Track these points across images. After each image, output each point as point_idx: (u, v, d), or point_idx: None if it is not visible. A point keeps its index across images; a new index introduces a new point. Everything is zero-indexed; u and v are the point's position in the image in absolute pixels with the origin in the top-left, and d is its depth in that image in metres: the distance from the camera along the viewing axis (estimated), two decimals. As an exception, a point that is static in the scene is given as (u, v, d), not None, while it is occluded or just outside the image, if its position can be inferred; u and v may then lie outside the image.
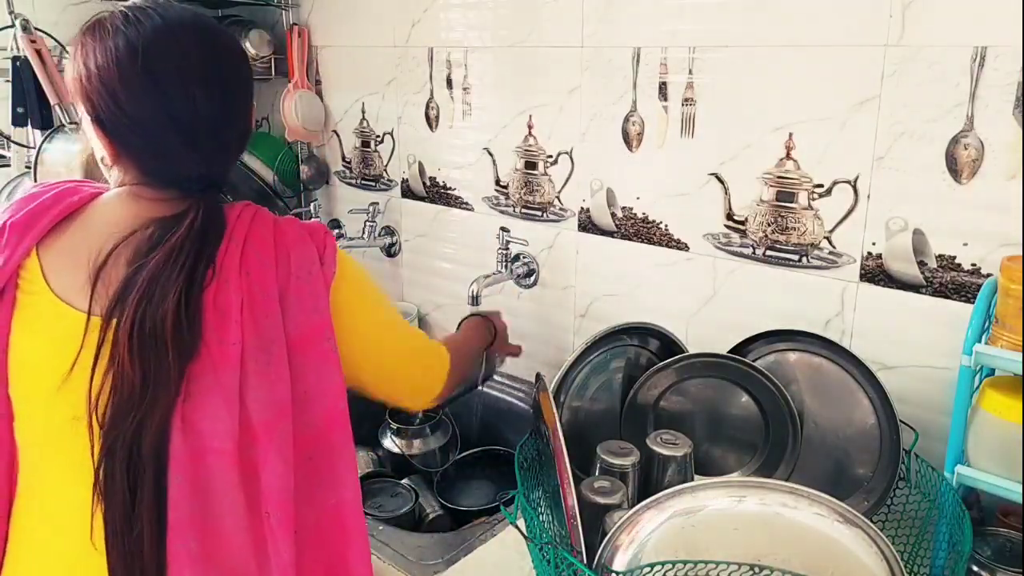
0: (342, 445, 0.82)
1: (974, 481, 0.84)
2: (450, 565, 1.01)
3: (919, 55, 0.99)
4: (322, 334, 0.79)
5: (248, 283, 0.75)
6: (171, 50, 0.74)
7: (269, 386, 0.75)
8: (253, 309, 0.75)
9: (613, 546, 0.81)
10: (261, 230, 0.78)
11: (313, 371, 0.79)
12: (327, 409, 0.80)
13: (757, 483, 0.83)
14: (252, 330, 0.74)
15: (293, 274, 0.78)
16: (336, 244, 0.83)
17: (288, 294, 0.77)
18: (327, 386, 0.80)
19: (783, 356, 1.05)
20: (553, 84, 1.38)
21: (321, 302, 0.79)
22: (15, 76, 1.49)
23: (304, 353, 0.78)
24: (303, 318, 0.78)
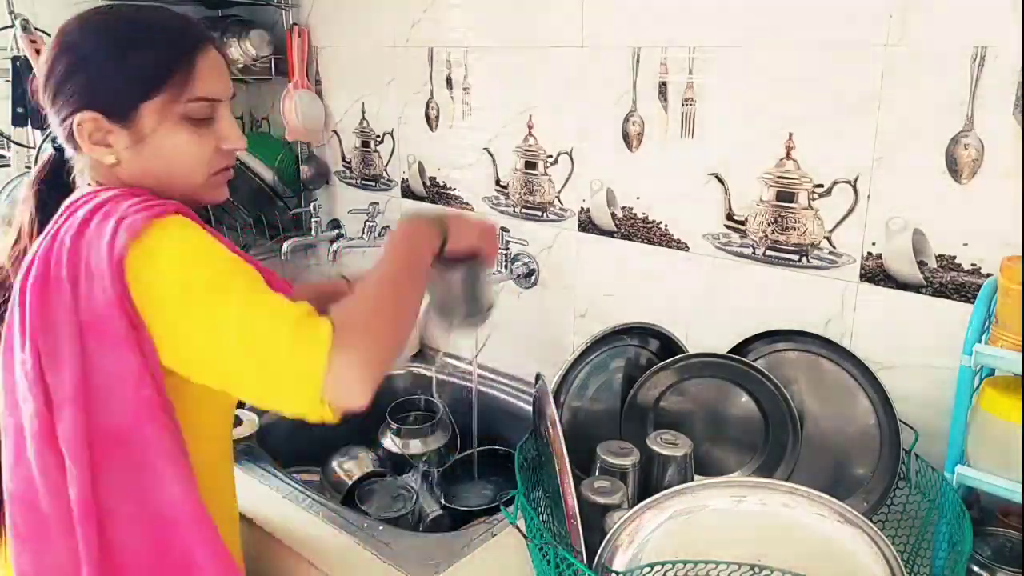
0: (156, 437, 0.76)
1: (974, 481, 0.84)
2: (450, 565, 1.01)
3: (919, 55, 0.99)
4: (111, 314, 0.72)
5: (44, 261, 0.76)
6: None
7: (59, 370, 0.74)
8: (43, 286, 0.75)
9: (613, 546, 0.81)
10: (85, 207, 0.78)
11: (107, 355, 0.74)
12: (128, 398, 0.75)
13: (757, 483, 0.83)
14: (42, 313, 0.75)
15: (85, 251, 0.75)
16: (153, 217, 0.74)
17: (78, 273, 0.75)
18: (124, 372, 0.74)
19: (783, 356, 1.05)
20: (553, 84, 1.38)
21: (105, 279, 0.72)
22: (15, 76, 1.49)
23: (97, 336, 0.74)
24: (91, 297, 0.74)
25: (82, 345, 0.74)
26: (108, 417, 0.75)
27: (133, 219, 0.74)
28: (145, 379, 0.74)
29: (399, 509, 1.27)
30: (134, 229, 0.73)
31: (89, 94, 0.80)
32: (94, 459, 0.75)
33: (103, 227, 0.74)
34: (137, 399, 0.75)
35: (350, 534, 1.07)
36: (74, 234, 0.76)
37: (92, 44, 0.81)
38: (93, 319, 0.74)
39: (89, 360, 0.74)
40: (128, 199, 0.78)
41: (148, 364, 0.74)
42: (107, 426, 0.75)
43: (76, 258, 0.75)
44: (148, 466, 0.77)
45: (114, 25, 0.82)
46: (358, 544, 1.05)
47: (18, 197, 1.30)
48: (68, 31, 0.82)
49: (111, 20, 0.82)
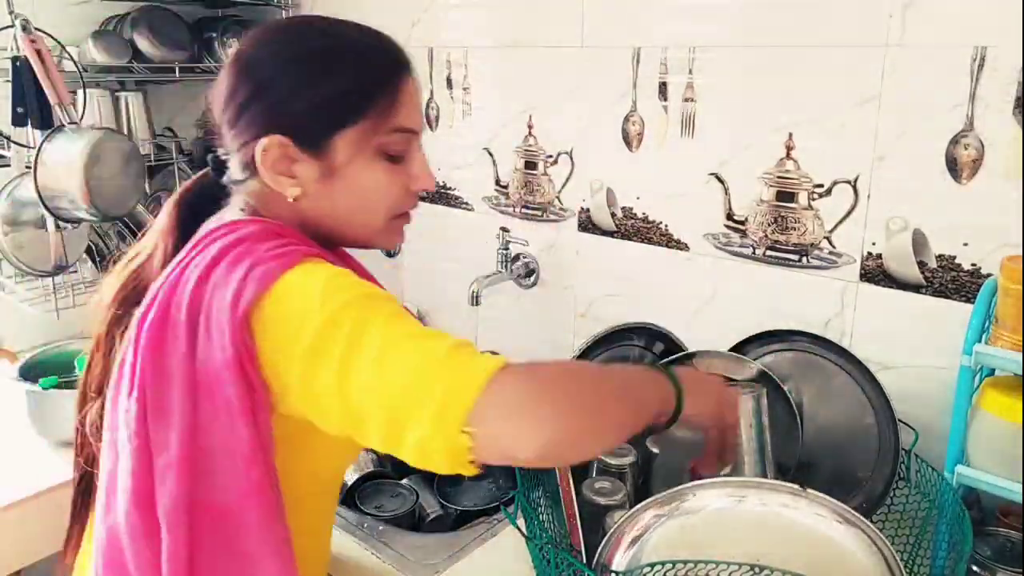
0: (260, 530, 0.66)
1: (974, 481, 0.84)
2: (450, 565, 1.01)
3: (919, 55, 0.99)
4: (227, 376, 0.63)
5: (166, 299, 0.67)
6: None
7: (165, 428, 0.65)
8: (160, 331, 0.66)
9: (613, 546, 0.81)
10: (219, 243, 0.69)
11: (217, 423, 0.65)
12: (237, 474, 0.65)
13: (757, 483, 0.83)
14: (153, 360, 0.66)
15: (208, 295, 0.66)
16: (285, 266, 0.65)
17: (199, 321, 0.65)
18: (234, 445, 0.64)
19: (782, 356, 1.05)
20: (553, 84, 1.38)
21: (226, 334, 0.63)
22: (15, 76, 1.49)
23: (209, 398, 0.65)
24: (208, 353, 0.64)
25: (194, 403, 0.65)
26: (211, 491, 0.66)
27: (266, 267, 0.64)
28: (257, 455, 0.65)
29: (399, 509, 1.27)
30: (266, 280, 0.63)
31: (279, 118, 0.71)
32: (192, 535, 0.65)
33: (232, 273, 0.65)
34: (246, 476, 0.65)
35: (350, 534, 1.07)
36: (201, 274, 0.66)
37: (284, 62, 0.72)
38: (209, 377, 0.65)
39: (200, 421, 0.65)
40: (269, 240, 0.68)
41: (262, 440, 0.65)
42: (209, 500, 0.66)
43: (198, 303, 0.65)
44: (247, 554, 0.67)
45: (309, 42, 0.74)
46: (358, 544, 1.05)
47: (19, 196, 1.27)
48: (255, 45, 0.74)
49: (306, 35, 0.75)
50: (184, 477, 0.65)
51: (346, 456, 0.84)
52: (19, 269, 1.62)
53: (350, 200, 0.75)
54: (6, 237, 1.58)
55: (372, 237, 0.78)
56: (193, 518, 0.65)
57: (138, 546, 0.67)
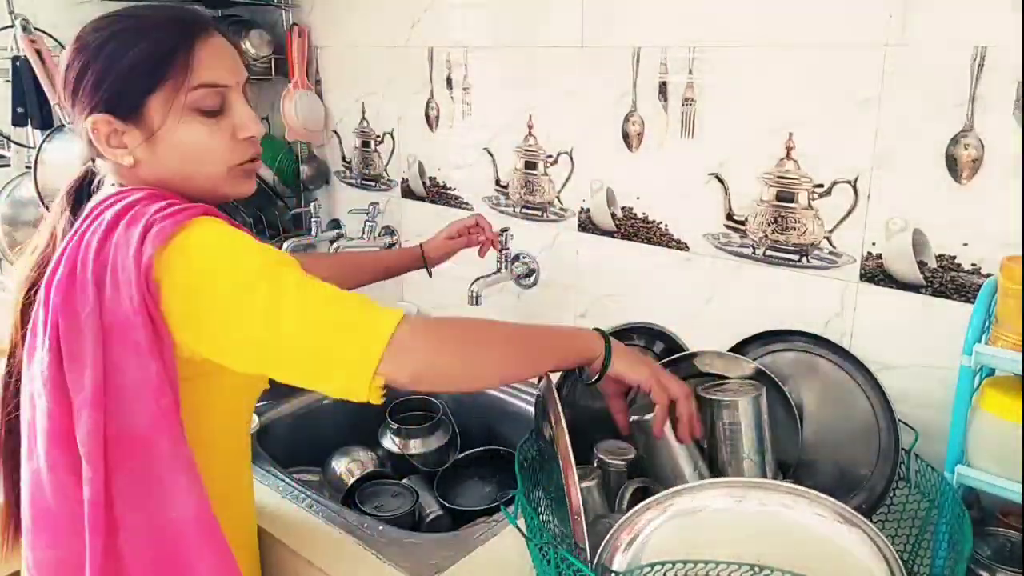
0: (171, 455, 0.75)
1: (974, 481, 0.84)
2: (450, 565, 1.01)
3: (919, 55, 0.99)
4: (136, 321, 0.72)
5: (71, 262, 0.76)
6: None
7: (81, 372, 0.74)
8: (69, 286, 0.75)
9: (613, 546, 0.81)
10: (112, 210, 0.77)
11: (127, 363, 0.74)
12: (148, 405, 0.74)
13: (757, 483, 0.83)
14: (65, 309, 0.75)
15: (112, 253, 0.74)
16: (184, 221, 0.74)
17: (105, 275, 0.74)
18: (142, 383, 0.74)
19: (782, 356, 1.05)
20: (553, 84, 1.38)
21: (132, 285, 0.72)
22: (15, 76, 1.49)
23: (119, 341, 0.74)
24: (116, 302, 0.73)
25: (104, 348, 0.74)
26: (126, 422, 0.75)
27: (161, 226, 0.73)
28: (165, 387, 0.74)
29: (399, 509, 1.27)
30: (162, 236, 0.72)
31: (98, 95, 0.79)
32: (108, 464, 0.74)
33: (130, 232, 0.74)
34: (157, 406, 0.74)
35: (350, 534, 1.07)
36: (100, 237, 0.75)
37: (96, 45, 0.80)
38: (117, 324, 0.73)
39: (111, 364, 0.74)
40: (155, 202, 0.77)
41: (168, 374, 0.74)
42: (124, 432, 0.75)
43: (102, 261, 0.74)
44: (159, 477, 0.76)
45: (115, 24, 0.81)
46: (358, 544, 1.05)
47: (19, 196, 1.31)
48: (79, 36, 0.83)
49: (112, 19, 0.82)
50: (99, 412, 0.73)
51: (253, 390, 0.91)
52: (19, 269, 1.61)
53: (178, 158, 0.82)
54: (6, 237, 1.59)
55: (218, 188, 0.85)
56: (108, 449, 0.74)
57: (59, 481, 0.76)
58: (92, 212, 0.80)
